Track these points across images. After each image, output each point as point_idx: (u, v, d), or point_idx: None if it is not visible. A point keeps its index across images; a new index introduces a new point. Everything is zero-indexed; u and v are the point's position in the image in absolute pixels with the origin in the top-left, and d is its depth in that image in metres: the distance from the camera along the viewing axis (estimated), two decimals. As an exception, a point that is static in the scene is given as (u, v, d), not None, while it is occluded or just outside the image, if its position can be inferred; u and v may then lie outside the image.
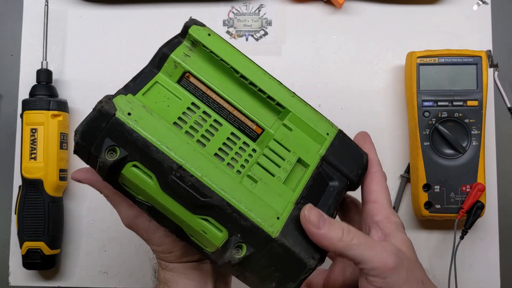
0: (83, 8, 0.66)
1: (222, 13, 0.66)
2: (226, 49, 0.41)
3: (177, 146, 0.35)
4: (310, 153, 0.40)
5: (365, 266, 0.35)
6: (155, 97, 0.39)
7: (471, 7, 0.66)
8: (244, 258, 0.34)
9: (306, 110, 0.41)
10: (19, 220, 0.60)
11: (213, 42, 0.41)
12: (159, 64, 0.41)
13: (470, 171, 0.59)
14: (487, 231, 0.63)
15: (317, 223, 0.35)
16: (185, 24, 0.42)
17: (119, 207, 0.43)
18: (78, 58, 0.66)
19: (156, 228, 0.42)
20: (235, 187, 0.35)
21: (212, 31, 0.41)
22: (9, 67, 0.66)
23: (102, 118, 0.36)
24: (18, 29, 0.66)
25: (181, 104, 0.39)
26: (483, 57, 0.60)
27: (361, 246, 0.35)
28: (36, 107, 0.60)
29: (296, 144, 0.40)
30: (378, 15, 0.66)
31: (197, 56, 0.41)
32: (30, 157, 0.60)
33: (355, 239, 0.35)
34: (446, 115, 0.59)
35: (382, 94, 0.65)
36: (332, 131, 0.41)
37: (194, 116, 0.39)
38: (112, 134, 0.35)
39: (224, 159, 0.38)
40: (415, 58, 0.60)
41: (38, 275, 0.64)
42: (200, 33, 0.41)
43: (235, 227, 0.35)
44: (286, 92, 0.41)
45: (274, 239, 0.34)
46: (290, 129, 0.40)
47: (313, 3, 0.66)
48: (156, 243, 0.43)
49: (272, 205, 0.36)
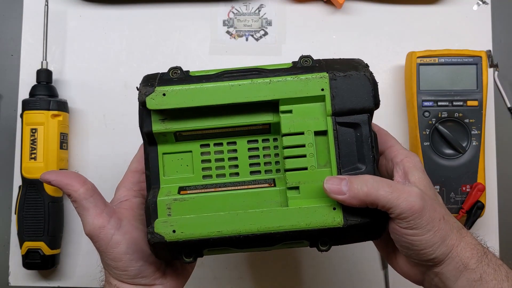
0: (83, 8, 0.66)
1: (222, 13, 0.66)
2: (187, 95, 0.40)
3: (223, 223, 0.39)
4: (320, 119, 0.40)
5: (394, 212, 0.37)
6: (173, 167, 0.42)
7: (471, 7, 0.66)
8: (330, 247, 0.41)
9: (289, 85, 0.39)
10: (19, 220, 0.60)
11: (172, 99, 0.40)
12: (151, 141, 0.42)
13: (470, 171, 0.59)
14: (487, 231, 0.63)
15: (339, 190, 0.38)
16: (138, 99, 0.41)
17: (85, 214, 0.41)
18: (78, 58, 0.66)
19: (117, 243, 0.41)
20: (286, 216, 0.39)
21: (165, 87, 0.40)
22: (9, 67, 0.66)
23: (161, 248, 0.40)
24: (18, 29, 0.66)
25: (194, 155, 0.42)
26: (483, 57, 0.60)
27: (388, 195, 0.37)
28: (36, 107, 0.60)
29: (303, 121, 0.40)
30: (378, 15, 0.66)
31: (172, 115, 0.41)
32: (30, 157, 0.60)
33: (381, 189, 0.37)
34: (446, 115, 0.59)
35: (382, 94, 0.64)
36: (324, 81, 0.39)
37: (211, 154, 0.42)
38: (178, 252, 0.40)
39: (260, 171, 0.41)
40: (415, 58, 0.60)
41: (38, 275, 0.64)
42: (156, 102, 0.40)
43: (311, 239, 0.40)
44: (262, 85, 0.39)
45: (343, 227, 0.39)
46: (290, 111, 0.40)
47: (313, 3, 0.66)
48: (113, 258, 0.41)
49: (322, 201, 0.39)
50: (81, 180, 0.42)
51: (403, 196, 0.37)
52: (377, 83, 0.41)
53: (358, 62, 0.42)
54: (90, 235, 0.41)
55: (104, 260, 0.42)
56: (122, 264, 0.41)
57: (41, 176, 0.42)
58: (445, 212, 0.40)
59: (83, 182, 0.42)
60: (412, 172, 0.40)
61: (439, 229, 0.38)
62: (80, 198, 0.41)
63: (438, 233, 0.38)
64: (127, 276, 0.41)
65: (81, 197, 0.41)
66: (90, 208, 0.41)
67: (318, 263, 0.64)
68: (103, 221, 0.41)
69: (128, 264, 0.41)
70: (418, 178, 0.40)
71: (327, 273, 0.64)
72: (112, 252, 0.41)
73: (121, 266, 0.41)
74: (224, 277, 0.64)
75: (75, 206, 0.42)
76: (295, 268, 0.64)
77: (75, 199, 0.41)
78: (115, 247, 0.41)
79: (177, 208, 0.39)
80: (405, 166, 0.41)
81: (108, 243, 0.41)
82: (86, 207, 0.41)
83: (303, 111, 0.40)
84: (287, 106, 0.40)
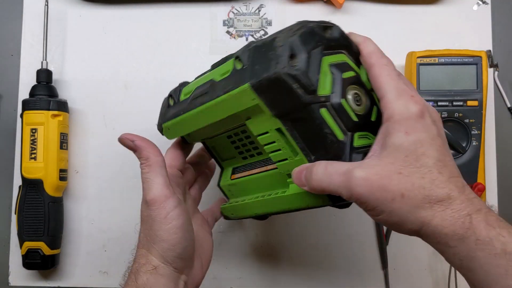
0: (83, 8, 0.66)
1: (222, 13, 0.66)
2: (178, 127, 0.48)
3: (257, 208, 0.48)
4: (271, 120, 0.40)
5: (345, 197, 0.36)
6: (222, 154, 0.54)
7: (471, 7, 0.66)
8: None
9: (228, 104, 0.41)
10: (19, 220, 0.60)
11: (173, 132, 0.50)
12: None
13: (470, 171, 0.59)
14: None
15: (302, 183, 0.39)
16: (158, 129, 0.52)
17: (156, 180, 0.43)
18: (78, 58, 0.66)
19: (178, 216, 0.42)
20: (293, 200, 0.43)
21: (166, 123, 0.50)
22: (9, 67, 0.66)
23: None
24: (18, 29, 0.66)
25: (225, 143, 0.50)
26: (483, 57, 0.60)
27: (336, 186, 0.36)
28: (36, 107, 0.60)
29: (262, 123, 0.41)
30: (378, 15, 0.66)
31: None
32: (30, 157, 0.60)
33: (333, 180, 0.36)
34: (446, 115, 0.59)
35: (382, 94, 0.65)
36: (250, 93, 0.39)
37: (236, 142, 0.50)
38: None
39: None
40: (415, 58, 0.60)
41: (38, 275, 0.64)
42: (167, 134, 0.51)
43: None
44: (214, 106, 0.42)
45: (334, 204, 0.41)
46: (249, 117, 0.42)
47: (313, 3, 0.66)
48: (168, 230, 0.42)
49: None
50: (159, 150, 0.44)
51: (350, 185, 0.35)
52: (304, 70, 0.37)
53: (274, 50, 0.38)
54: (154, 201, 0.42)
55: (155, 232, 0.42)
56: (174, 238, 0.42)
57: (123, 136, 0.44)
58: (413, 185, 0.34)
59: (160, 153, 0.44)
60: (392, 136, 0.36)
61: (393, 209, 0.34)
62: (157, 164, 0.43)
63: (394, 213, 0.34)
64: (173, 253, 0.42)
65: (158, 164, 0.43)
66: (162, 176, 0.43)
67: (318, 262, 0.64)
68: (170, 192, 0.42)
69: (179, 241, 0.42)
70: (396, 144, 0.35)
71: (327, 272, 0.64)
72: (170, 224, 0.42)
73: (172, 240, 0.42)
74: (224, 277, 0.64)
75: (146, 171, 0.43)
76: (295, 267, 0.64)
77: (151, 163, 0.43)
78: (176, 218, 0.42)
79: (232, 191, 0.52)
80: (389, 127, 0.36)
81: (169, 213, 0.42)
82: (159, 174, 0.43)
83: (257, 115, 0.41)
84: (244, 114, 0.41)
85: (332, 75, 0.39)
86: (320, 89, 0.38)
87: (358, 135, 0.39)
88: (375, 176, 0.35)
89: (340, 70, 0.39)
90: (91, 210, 0.64)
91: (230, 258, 0.64)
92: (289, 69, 0.37)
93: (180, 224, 0.42)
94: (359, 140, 0.39)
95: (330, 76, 0.38)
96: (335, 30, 0.41)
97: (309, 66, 0.37)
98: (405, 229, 0.35)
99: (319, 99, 0.38)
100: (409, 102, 0.36)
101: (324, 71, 0.38)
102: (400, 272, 0.63)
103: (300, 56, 0.37)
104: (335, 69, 0.39)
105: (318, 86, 0.38)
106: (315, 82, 0.37)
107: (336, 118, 0.38)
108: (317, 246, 0.64)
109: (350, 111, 0.38)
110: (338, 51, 0.40)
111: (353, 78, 0.40)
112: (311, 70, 0.38)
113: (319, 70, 0.38)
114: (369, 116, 0.39)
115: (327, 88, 0.38)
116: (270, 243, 0.64)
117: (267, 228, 0.64)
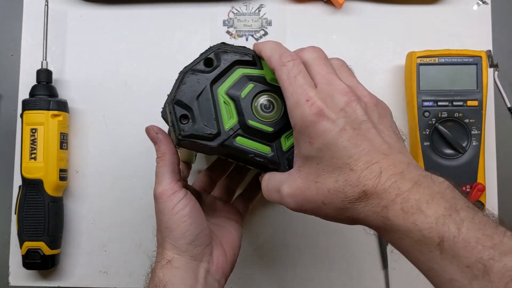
0: (83, 8, 0.66)
1: (222, 13, 0.66)
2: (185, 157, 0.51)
3: None
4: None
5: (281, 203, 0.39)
6: None
7: (471, 7, 0.66)
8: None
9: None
10: (19, 220, 0.60)
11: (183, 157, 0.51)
12: None
13: (470, 171, 0.59)
14: (487, 231, 0.63)
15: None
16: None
17: (167, 175, 0.45)
18: (78, 58, 0.66)
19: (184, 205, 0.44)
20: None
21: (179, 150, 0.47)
22: (9, 67, 0.66)
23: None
24: (18, 29, 0.66)
25: None
26: (483, 57, 0.60)
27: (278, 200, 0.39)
28: (36, 107, 0.60)
29: None
30: (378, 15, 0.66)
31: None
32: (30, 157, 0.60)
33: (272, 192, 0.39)
34: (446, 115, 0.59)
35: (382, 94, 0.65)
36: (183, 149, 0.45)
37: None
38: None
39: None
40: (415, 58, 0.60)
41: (38, 275, 0.64)
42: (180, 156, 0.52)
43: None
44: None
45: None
46: None
47: (313, 3, 0.66)
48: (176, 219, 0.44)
49: None
50: (175, 148, 0.46)
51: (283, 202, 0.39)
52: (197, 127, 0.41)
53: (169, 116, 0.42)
54: (161, 194, 0.44)
55: (165, 224, 0.44)
56: (183, 226, 0.44)
57: (151, 126, 0.47)
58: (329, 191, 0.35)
59: (176, 151, 0.46)
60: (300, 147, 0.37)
61: (326, 214, 0.36)
62: (171, 161, 0.45)
63: (328, 216, 0.37)
64: (184, 241, 0.44)
65: (172, 160, 0.45)
66: (173, 172, 0.45)
67: (318, 262, 0.64)
68: (178, 187, 0.45)
69: (188, 228, 0.44)
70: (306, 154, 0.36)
71: (327, 272, 0.64)
72: (177, 213, 0.44)
73: (182, 228, 0.44)
74: (224, 277, 0.64)
75: (160, 165, 0.45)
76: (295, 267, 0.64)
77: (166, 159, 0.45)
78: (182, 208, 0.44)
79: None
80: (296, 137, 0.37)
81: (176, 204, 0.44)
82: (171, 170, 0.45)
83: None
84: None
85: (232, 102, 0.41)
86: (226, 124, 0.41)
87: (284, 136, 0.41)
88: (298, 191, 0.37)
89: (238, 90, 0.41)
90: (91, 210, 0.64)
91: (230, 258, 0.64)
92: (184, 132, 0.40)
93: (187, 212, 0.44)
94: (287, 141, 0.41)
95: (230, 104, 0.41)
96: (217, 55, 0.42)
97: (201, 116, 0.40)
98: (346, 224, 0.37)
99: (228, 134, 0.41)
100: (305, 108, 0.35)
101: (221, 103, 0.41)
102: (400, 272, 0.63)
103: (187, 114, 0.41)
104: (233, 91, 0.41)
105: (223, 121, 0.40)
106: (214, 125, 0.40)
107: (254, 138, 0.40)
108: (317, 246, 0.64)
109: (262, 125, 0.40)
110: (231, 69, 0.42)
111: (255, 88, 0.41)
112: (205, 118, 0.40)
113: (216, 107, 0.40)
114: (286, 114, 0.39)
115: (232, 117, 0.41)
116: (270, 243, 0.64)
117: (267, 228, 0.64)
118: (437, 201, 0.33)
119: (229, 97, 0.41)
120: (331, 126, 0.35)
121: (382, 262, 0.63)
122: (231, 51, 0.42)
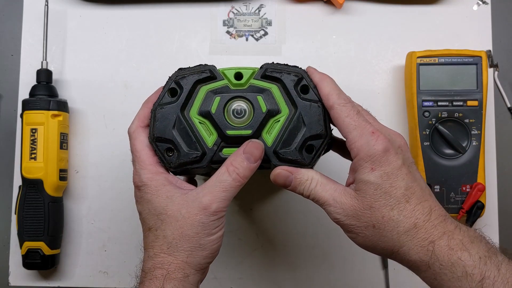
0: (83, 8, 0.66)
1: (222, 13, 0.66)
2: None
3: None
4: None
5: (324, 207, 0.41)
6: None
7: (471, 7, 0.66)
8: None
9: None
10: (19, 220, 0.60)
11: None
12: None
13: (470, 171, 0.59)
14: (487, 231, 0.62)
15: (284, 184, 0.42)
16: None
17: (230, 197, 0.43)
18: (78, 58, 0.66)
19: (222, 227, 0.42)
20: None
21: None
22: (9, 67, 0.66)
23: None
24: (18, 29, 0.66)
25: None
26: (483, 57, 0.60)
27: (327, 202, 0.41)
28: (36, 107, 0.60)
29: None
30: (378, 15, 0.66)
31: None
32: (30, 157, 0.60)
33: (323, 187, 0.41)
34: (446, 115, 0.59)
35: (382, 94, 0.65)
36: None
37: None
38: None
39: None
40: (415, 58, 0.60)
41: (38, 275, 0.64)
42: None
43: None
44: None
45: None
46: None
47: (313, 3, 0.66)
48: (210, 240, 0.42)
49: None
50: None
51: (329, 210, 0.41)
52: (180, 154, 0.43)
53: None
54: (213, 211, 0.41)
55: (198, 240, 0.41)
56: (215, 247, 0.42)
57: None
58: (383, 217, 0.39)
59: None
60: (360, 172, 0.40)
61: (366, 236, 0.40)
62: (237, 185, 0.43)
63: (367, 239, 0.40)
64: (209, 260, 0.42)
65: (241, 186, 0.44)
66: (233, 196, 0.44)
67: (318, 263, 0.64)
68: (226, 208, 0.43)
69: (218, 249, 0.43)
70: (364, 179, 0.39)
71: (327, 273, 0.64)
72: (216, 233, 0.42)
73: (213, 249, 0.42)
74: (224, 277, 0.64)
75: (235, 186, 0.43)
76: (295, 267, 0.64)
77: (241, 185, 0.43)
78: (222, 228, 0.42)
79: None
80: (356, 164, 0.40)
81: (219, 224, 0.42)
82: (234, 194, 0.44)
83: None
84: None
85: (206, 119, 0.43)
86: (208, 142, 0.43)
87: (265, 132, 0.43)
88: (351, 208, 0.40)
89: (208, 106, 0.42)
90: (91, 210, 0.64)
91: (230, 258, 0.64)
92: (173, 164, 0.43)
93: (222, 233, 0.43)
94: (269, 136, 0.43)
95: (206, 122, 0.43)
96: (178, 83, 0.43)
97: (183, 143, 0.42)
98: (377, 253, 0.40)
99: (213, 150, 0.43)
100: (370, 139, 0.39)
101: (197, 124, 0.43)
102: (400, 272, 0.63)
103: (170, 146, 0.43)
104: (204, 109, 0.43)
105: (204, 141, 0.42)
106: (197, 147, 0.42)
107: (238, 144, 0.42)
108: (317, 247, 0.64)
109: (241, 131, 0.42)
110: (195, 90, 0.43)
111: (222, 99, 0.42)
112: (187, 144, 0.42)
113: (193, 130, 0.43)
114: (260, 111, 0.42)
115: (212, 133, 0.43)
116: (270, 243, 0.64)
117: (267, 229, 0.64)
118: (478, 244, 0.38)
119: (202, 116, 0.43)
120: (394, 158, 0.39)
121: (382, 262, 0.63)
122: (189, 74, 0.43)
